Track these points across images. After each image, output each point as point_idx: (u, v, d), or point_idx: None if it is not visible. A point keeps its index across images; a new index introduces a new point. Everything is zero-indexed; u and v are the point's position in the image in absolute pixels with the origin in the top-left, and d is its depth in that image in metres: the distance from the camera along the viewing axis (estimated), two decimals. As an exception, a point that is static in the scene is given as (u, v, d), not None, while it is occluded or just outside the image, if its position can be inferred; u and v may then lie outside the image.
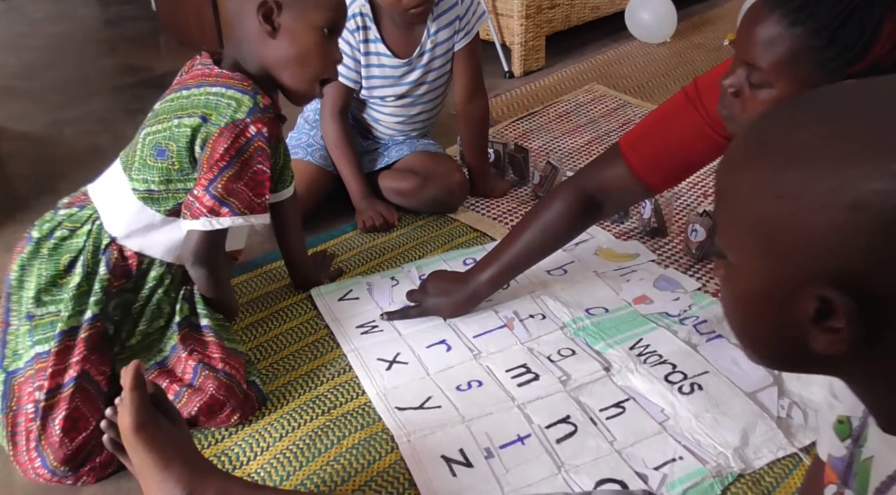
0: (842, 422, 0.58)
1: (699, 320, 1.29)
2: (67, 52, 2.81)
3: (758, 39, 0.90)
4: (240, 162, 1.06)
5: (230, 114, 1.05)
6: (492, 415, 1.10)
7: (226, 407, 1.08)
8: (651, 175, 1.17)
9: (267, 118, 1.07)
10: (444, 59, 1.62)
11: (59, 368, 1.05)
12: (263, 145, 1.07)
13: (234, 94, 1.06)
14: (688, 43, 2.71)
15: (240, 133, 1.05)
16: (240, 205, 1.07)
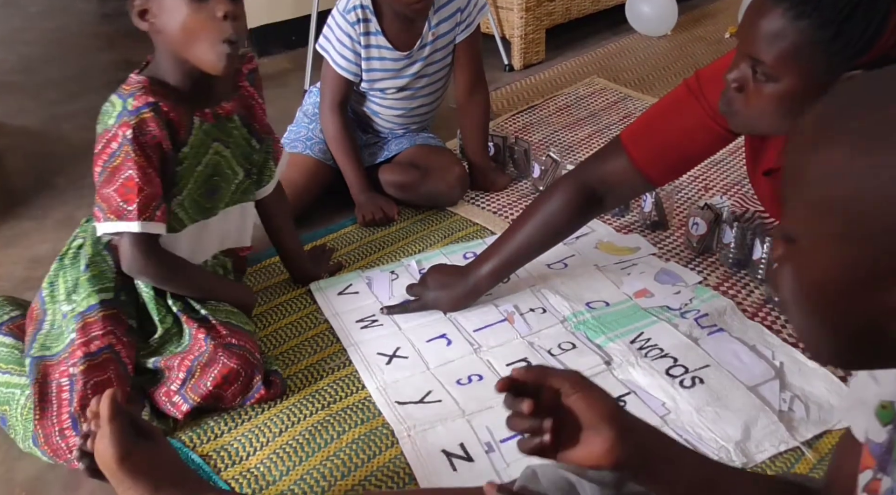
0: (885, 407, 0.56)
1: (700, 314, 1.28)
2: (65, 46, 2.80)
3: (762, 33, 0.89)
4: (110, 168, 1.06)
5: (105, 120, 1.07)
6: (492, 409, 1.09)
7: (241, 376, 1.08)
8: (652, 168, 1.17)
9: (138, 120, 1.04)
10: (444, 51, 1.61)
11: (85, 340, 1.08)
12: (130, 150, 1.04)
13: (113, 98, 1.07)
14: (689, 36, 2.70)
15: (110, 139, 1.06)
16: (108, 211, 1.07)
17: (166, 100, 1.08)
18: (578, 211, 1.22)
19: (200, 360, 1.10)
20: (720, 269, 1.42)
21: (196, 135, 1.12)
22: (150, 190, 1.07)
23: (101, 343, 1.08)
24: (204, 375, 1.08)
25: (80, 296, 1.11)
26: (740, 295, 1.35)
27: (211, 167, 1.17)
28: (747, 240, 1.40)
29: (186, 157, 1.12)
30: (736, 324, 1.26)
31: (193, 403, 1.08)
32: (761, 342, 1.22)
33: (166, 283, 1.15)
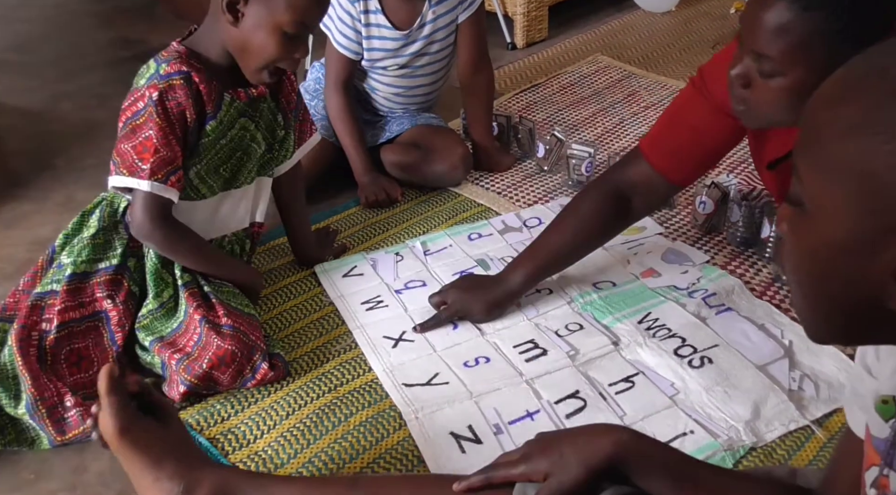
0: (886, 402, 0.56)
1: (708, 293, 1.27)
2: (62, 24, 2.76)
3: (767, 27, 0.87)
4: (132, 125, 1.08)
5: (137, 80, 1.10)
6: (500, 391, 1.09)
7: (237, 357, 1.08)
8: (673, 170, 1.16)
9: (167, 84, 1.06)
10: (447, 30, 1.58)
11: (70, 305, 1.10)
12: (153, 111, 1.06)
13: (150, 62, 1.10)
14: (693, 11, 2.66)
15: (137, 98, 1.08)
16: (122, 166, 1.09)
17: (200, 73, 1.09)
18: (609, 214, 1.19)
19: (199, 344, 1.09)
20: (727, 248, 1.41)
21: (226, 112, 1.13)
22: (167, 153, 1.08)
23: (88, 310, 1.11)
24: (199, 357, 1.08)
25: (80, 259, 1.12)
26: (748, 273, 1.34)
27: (236, 141, 1.17)
28: (755, 218, 1.38)
29: (213, 131, 1.13)
30: (744, 303, 1.25)
31: (189, 384, 1.07)
32: (770, 321, 1.21)
33: (172, 253, 1.14)
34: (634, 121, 1.90)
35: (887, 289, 0.43)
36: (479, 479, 0.74)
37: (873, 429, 0.57)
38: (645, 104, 1.98)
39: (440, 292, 1.24)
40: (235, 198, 1.22)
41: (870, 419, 0.58)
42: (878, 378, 0.58)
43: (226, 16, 1.07)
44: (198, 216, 1.18)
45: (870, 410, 0.57)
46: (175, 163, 1.09)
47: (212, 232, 1.22)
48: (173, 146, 1.08)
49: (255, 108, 1.18)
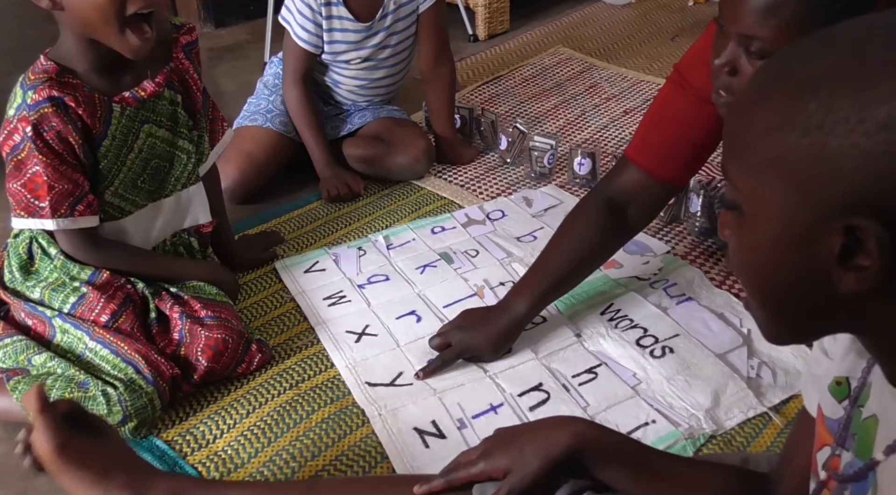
0: (839, 384, 0.57)
1: (669, 283, 1.28)
2: (8, 17, 2.67)
3: (756, 7, 0.84)
4: (14, 161, 1.01)
5: (8, 107, 1.01)
6: (464, 386, 1.08)
7: (228, 344, 1.07)
8: (664, 169, 1.11)
9: (38, 114, 0.97)
10: (407, 21, 1.56)
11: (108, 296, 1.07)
12: (33, 147, 0.98)
13: (17, 88, 1.01)
14: (652, 4, 2.68)
15: (11, 131, 1.00)
16: (17, 207, 1.04)
17: (76, 91, 1.00)
18: (607, 230, 1.13)
19: (184, 341, 1.08)
20: (688, 238, 1.43)
21: (118, 124, 1.06)
22: (63, 186, 1.01)
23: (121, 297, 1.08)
24: (191, 353, 1.06)
25: (63, 306, 1.07)
26: (708, 263, 1.36)
27: (147, 151, 1.11)
28: (714, 208, 1.40)
29: (110, 150, 1.06)
30: (704, 293, 1.27)
31: (193, 383, 1.08)
32: (729, 310, 1.23)
33: (116, 270, 1.11)
34: (596, 112, 1.91)
35: (833, 276, 0.44)
36: (440, 484, 0.74)
37: (826, 410, 0.58)
38: (606, 96, 1.99)
39: (441, 334, 1.13)
40: (168, 207, 1.18)
41: (823, 400, 0.59)
42: (833, 359, 0.59)
43: (42, 2, 0.95)
44: (131, 231, 1.14)
45: (824, 391, 0.58)
46: (77, 193, 1.03)
47: (151, 242, 1.18)
48: (69, 176, 1.01)
49: (151, 109, 1.10)
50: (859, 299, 0.44)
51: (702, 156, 1.15)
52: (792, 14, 0.83)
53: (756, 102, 0.46)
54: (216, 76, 2.19)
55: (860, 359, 0.55)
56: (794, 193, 0.44)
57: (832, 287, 0.44)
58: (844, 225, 0.42)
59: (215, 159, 1.27)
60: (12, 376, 1.04)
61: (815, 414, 0.60)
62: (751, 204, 0.47)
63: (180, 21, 1.16)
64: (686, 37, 2.36)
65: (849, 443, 0.54)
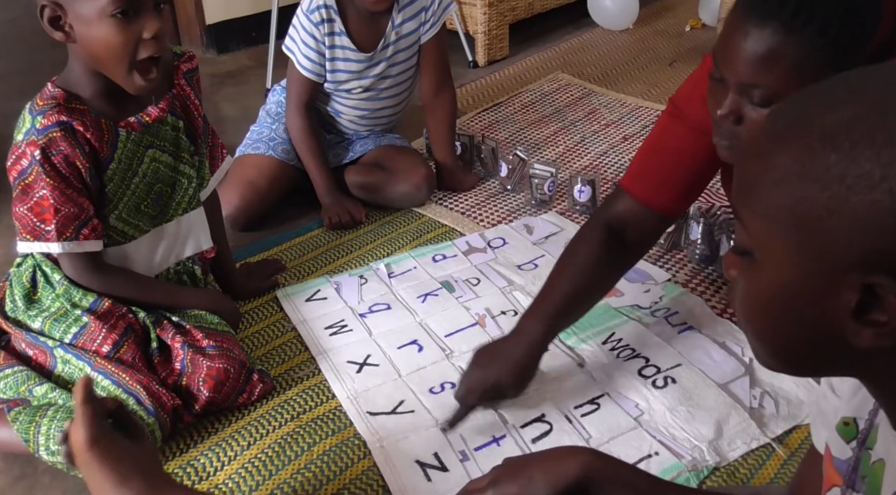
0: (847, 424, 0.56)
1: (670, 312, 1.28)
2: (14, 40, 2.69)
3: (753, 58, 0.83)
4: (21, 185, 1.02)
5: (16, 133, 1.03)
6: (467, 418, 1.08)
7: (230, 373, 1.08)
8: (659, 199, 1.10)
9: (46, 139, 0.99)
10: (408, 51, 1.58)
11: (109, 326, 1.07)
12: (41, 170, 0.99)
13: (25, 113, 1.03)
14: (650, 29, 2.71)
15: (20, 155, 1.01)
16: (23, 230, 1.04)
17: (83, 117, 1.02)
18: (607, 255, 1.10)
19: (186, 370, 1.08)
20: (688, 266, 1.43)
21: (123, 148, 1.07)
22: (70, 209, 1.02)
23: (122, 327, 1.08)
24: (192, 383, 1.06)
25: (65, 336, 1.07)
26: (708, 291, 1.36)
27: (150, 175, 1.12)
28: (714, 235, 1.41)
29: (116, 173, 1.07)
30: (705, 322, 1.27)
31: (194, 413, 1.08)
32: (731, 338, 1.23)
33: (117, 296, 1.11)
34: (595, 138, 1.92)
35: (848, 329, 0.43)
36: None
37: (834, 450, 0.58)
38: (605, 122, 2.01)
39: (462, 381, 1.06)
40: (171, 231, 1.18)
41: (831, 439, 0.58)
42: (841, 398, 0.59)
43: (56, 34, 0.97)
44: (134, 256, 1.15)
45: (832, 430, 0.58)
46: (82, 217, 1.03)
47: (155, 268, 1.19)
48: (75, 200, 1.02)
49: (155, 134, 1.12)
50: (874, 352, 0.44)
51: (698, 186, 1.14)
52: (790, 60, 0.82)
53: (773, 149, 0.45)
54: (218, 102, 2.21)
55: (867, 399, 0.55)
56: (808, 244, 0.43)
57: (844, 339, 0.44)
58: (863, 282, 0.41)
59: (216, 185, 1.28)
60: (13, 407, 1.04)
61: (823, 451, 0.60)
62: (761, 249, 0.47)
63: (181, 50, 1.18)
64: (684, 62, 2.38)
65: (859, 486, 0.53)
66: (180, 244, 1.21)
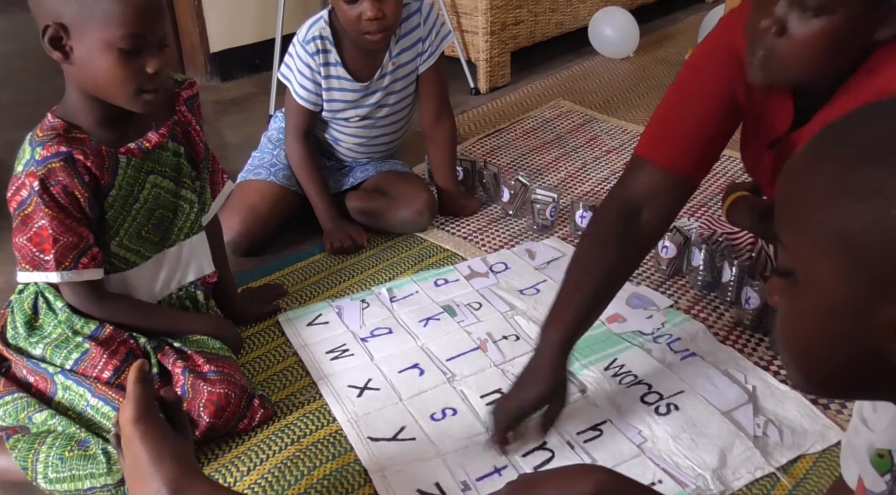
0: (882, 456, 0.56)
1: (673, 338, 1.28)
2: (19, 70, 2.73)
3: None
4: (21, 215, 1.02)
5: (16, 164, 1.03)
6: (468, 448, 1.07)
7: (231, 399, 1.07)
8: (681, 163, 1.07)
9: (45, 169, 0.99)
10: (406, 81, 1.60)
11: (110, 351, 1.07)
12: (40, 201, 1.00)
13: (25, 144, 1.03)
14: (650, 58, 2.74)
15: (19, 186, 1.01)
16: (23, 261, 1.04)
17: (83, 145, 1.02)
18: (622, 244, 1.06)
19: (186, 396, 1.07)
20: (690, 292, 1.43)
21: (124, 175, 1.08)
22: (69, 239, 1.03)
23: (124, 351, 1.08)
24: (193, 409, 1.06)
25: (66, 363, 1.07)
26: (711, 317, 1.36)
27: (152, 201, 1.13)
28: (716, 262, 1.41)
29: (116, 199, 1.08)
30: (708, 348, 1.26)
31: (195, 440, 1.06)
32: (734, 366, 1.22)
33: (120, 323, 1.11)
34: (596, 165, 1.94)
35: (890, 347, 0.43)
36: None
37: (868, 483, 0.57)
38: (606, 148, 2.02)
39: (501, 408, 1.05)
40: (173, 257, 1.18)
41: (864, 472, 0.58)
42: (874, 430, 0.58)
43: (54, 54, 0.97)
44: (137, 283, 1.15)
45: (865, 463, 0.57)
46: (81, 246, 1.04)
47: (157, 294, 1.19)
48: (74, 229, 1.03)
49: (156, 160, 1.12)
50: None
51: (714, 151, 1.12)
52: None
53: (811, 169, 0.46)
54: (222, 129, 2.23)
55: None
56: (849, 261, 0.43)
57: (885, 359, 0.43)
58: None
59: (217, 210, 1.28)
60: (12, 434, 1.03)
61: (855, 487, 0.59)
62: (805, 270, 0.47)
63: (182, 77, 1.19)
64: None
65: None
66: (182, 269, 1.21)
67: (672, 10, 3.25)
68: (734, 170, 1.89)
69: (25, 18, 3.43)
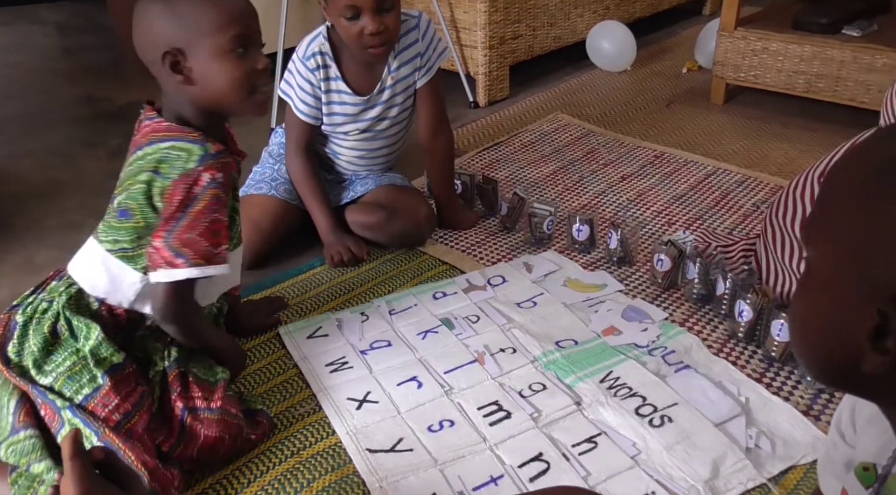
0: (867, 469, 0.58)
1: (667, 351, 1.30)
2: (25, 82, 2.76)
3: None
4: (194, 212, 1.04)
5: (181, 165, 1.04)
6: (464, 458, 1.09)
7: (224, 440, 1.08)
8: None
9: (220, 163, 1.05)
10: (405, 95, 1.62)
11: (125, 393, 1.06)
12: (219, 192, 1.04)
13: (184, 145, 1.05)
14: (647, 71, 2.77)
15: (193, 182, 1.03)
16: (195, 256, 1.05)
17: None
18: None
19: (183, 437, 1.07)
20: (685, 305, 1.45)
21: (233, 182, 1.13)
22: (229, 232, 1.09)
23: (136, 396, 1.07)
24: (188, 450, 1.06)
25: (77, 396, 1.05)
26: (705, 330, 1.37)
27: (235, 211, 1.17)
28: (710, 275, 1.43)
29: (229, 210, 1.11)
30: (702, 361, 1.28)
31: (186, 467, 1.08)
32: (727, 378, 1.24)
33: (186, 329, 1.11)
34: (593, 178, 1.96)
35: (862, 351, 0.46)
36: None
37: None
38: (603, 161, 2.05)
39: None
40: (235, 267, 1.22)
41: (849, 485, 0.59)
42: (853, 446, 0.60)
43: (176, 78, 1.04)
44: (209, 288, 1.17)
45: (843, 477, 0.59)
46: None
47: (206, 301, 1.20)
48: None
49: (235, 175, 1.16)
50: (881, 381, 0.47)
51: None
52: None
53: (836, 175, 0.50)
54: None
55: (888, 447, 0.56)
56: (848, 265, 0.47)
57: (859, 363, 0.47)
58: (878, 307, 0.45)
59: None
60: (15, 468, 1.03)
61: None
62: (815, 265, 0.51)
63: None
64: (680, 103, 2.43)
65: None
66: (231, 278, 1.23)
67: (668, 24, 3.28)
68: (729, 183, 1.91)
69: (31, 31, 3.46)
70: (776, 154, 2.11)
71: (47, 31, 3.38)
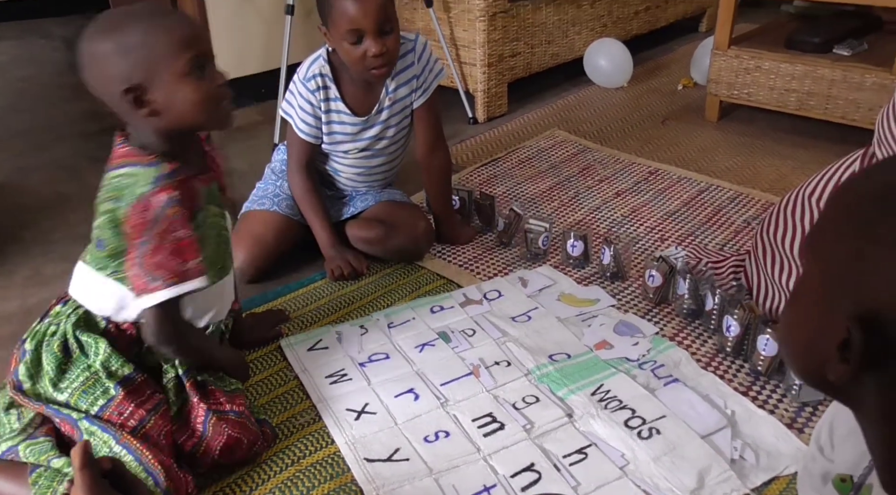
0: (844, 480, 0.61)
1: (657, 364, 1.34)
2: (33, 96, 2.81)
3: None
4: (157, 233, 1.03)
5: (133, 190, 1.03)
6: (459, 468, 1.12)
7: (243, 443, 1.12)
8: None
9: (176, 182, 1.04)
10: (402, 115, 1.67)
11: (139, 401, 1.09)
12: (178, 210, 1.03)
13: (135, 171, 1.04)
14: (644, 87, 2.82)
15: (147, 206, 1.02)
16: (170, 276, 1.04)
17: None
18: None
19: (206, 434, 1.11)
20: (676, 320, 1.49)
21: (204, 202, 1.12)
22: (198, 246, 1.07)
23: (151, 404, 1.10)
24: (210, 449, 1.10)
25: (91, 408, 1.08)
26: (695, 344, 1.41)
27: (214, 227, 1.16)
28: (700, 290, 1.47)
29: (198, 225, 1.10)
30: (690, 374, 1.32)
31: (200, 471, 1.11)
32: (714, 391, 1.28)
33: (182, 349, 1.13)
34: (588, 194, 2.00)
35: (830, 362, 0.51)
36: None
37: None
38: (599, 178, 2.09)
39: None
40: (228, 283, 1.24)
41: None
42: (831, 460, 0.63)
43: (140, 112, 1.02)
44: (205, 306, 1.19)
45: (821, 488, 0.62)
46: None
47: (213, 319, 1.23)
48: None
49: (212, 193, 1.17)
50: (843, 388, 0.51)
51: None
52: None
53: (834, 198, 0.55)
54: (228, 156, 2.30)
55: (863, 459, 0.60)
56: (831, 283, 0.52)
57: (826, 372, 0.51)
58: (846, 323, 0.49)
59: None
60: (35, 468, 1.06)
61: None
62: (805, 280, 0.55)
63: None
64: (676, 119, 2.48)
65: None
66: (230, 296, 1.26)
67: (665, 41, 3.34)
68: (721, 199, 1.96)
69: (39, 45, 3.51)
70: (768, 170, 2.15)
71: (55, 46, 3.44)
